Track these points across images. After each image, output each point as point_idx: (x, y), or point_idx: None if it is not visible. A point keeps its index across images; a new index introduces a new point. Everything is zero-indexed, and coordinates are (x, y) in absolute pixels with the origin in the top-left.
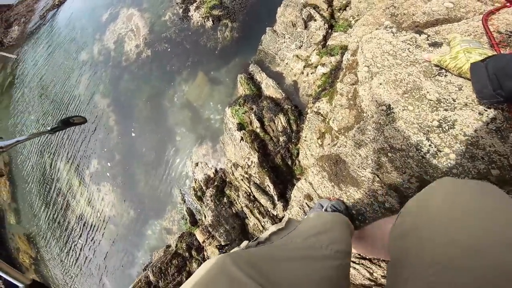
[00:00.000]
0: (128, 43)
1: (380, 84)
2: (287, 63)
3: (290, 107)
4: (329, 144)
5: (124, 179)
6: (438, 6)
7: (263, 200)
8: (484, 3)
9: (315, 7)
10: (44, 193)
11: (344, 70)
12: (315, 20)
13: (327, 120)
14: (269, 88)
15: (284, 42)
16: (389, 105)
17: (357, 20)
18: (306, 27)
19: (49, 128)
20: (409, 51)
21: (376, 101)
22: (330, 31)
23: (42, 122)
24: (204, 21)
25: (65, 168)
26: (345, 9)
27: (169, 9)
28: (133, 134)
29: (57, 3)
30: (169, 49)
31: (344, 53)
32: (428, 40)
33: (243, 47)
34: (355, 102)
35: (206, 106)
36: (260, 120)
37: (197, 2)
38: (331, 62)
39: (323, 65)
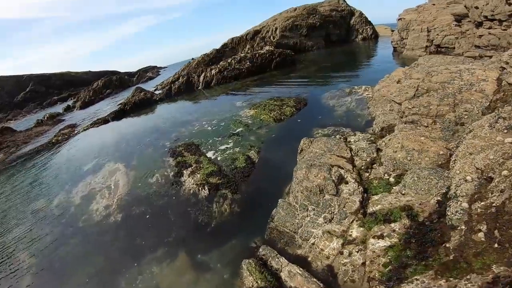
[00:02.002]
0: (98, 201)
1: None
2: (313, 243)
3: None
4: None
5: None
6: None
7: None
8: None
9: (339, 167)
10: None
11: (472, 223)
12: (346, 183)
13: None
14: (295, 278)
15: (308, 216)
16: None
17: (399, 175)
18: (337, 192)
19: None
20: None
21: None
22: (365, 195)
23: None
24: (199, 189)
25: None
26: (371, 168)
27: (160, 171)
28: None
29: (53, 141)
30: (147, 217)
31: (410, 215)
32: None
33: (246, 224)
34: None
35: None
36: None
37: (192, 167)
38: (395, 230)
39: (379, 237)
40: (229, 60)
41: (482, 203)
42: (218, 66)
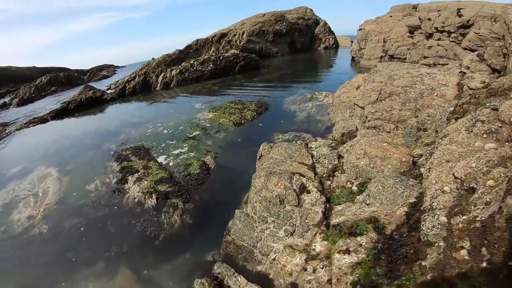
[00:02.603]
0: (20, 211)
1: None
2: (274, 259)
3: None
4: None
5: None
6: None
7: None
8: None
9: (301, 175)
10: None
11: (453, 239)
12: (308, 192)
13: None
14: None
15: (267, 229)
16: None
17: (362, 183)
18: (299, 202)
19: None
20: None
21: None
22: (328, 205)
23: None
24: (145, 198)
25: None
26: (333, 175)
27: (100, 177)
28: None
29: None
30: (81, 229)
31: (377, 227)
32: None
33: (200, 237)
34: None
35: None
36: None
37: (139, 173)
38: (362, 245)
39: (345, 252)
40: (191, 61)
41: (464, 217)
42: (179, 67)
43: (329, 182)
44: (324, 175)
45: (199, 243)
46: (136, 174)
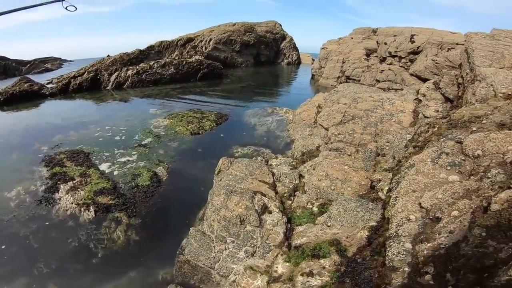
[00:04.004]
0: None
1: None
2: (234, 281)
3: None
4: None
5: None
6: None
7: None
8: None
9: (262, 194)
10: None
11: (418, 265)
12: (270, 213)
13: None
14: None
15: (226, 249)
16: None
17: (323, 204)
18: (260, 222)
19: None
20: None
21: None
22: (289, 225)
23: None
24: (80, 210)
25: None
26: (294, 195)
27: (24, 183)
28: None
29: None
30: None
31: (339, 250)
32: None
33: (148, 255)
34: None
35: None
36: None
37: (75, 181)
38: (325, 267)
39: (308, 274)
40: (151, 63)
41: (429, 244)
42: (137, 67)
43: (290, 202)
44: (285, 195)
45: (147, 261)
46: (71, 182)
